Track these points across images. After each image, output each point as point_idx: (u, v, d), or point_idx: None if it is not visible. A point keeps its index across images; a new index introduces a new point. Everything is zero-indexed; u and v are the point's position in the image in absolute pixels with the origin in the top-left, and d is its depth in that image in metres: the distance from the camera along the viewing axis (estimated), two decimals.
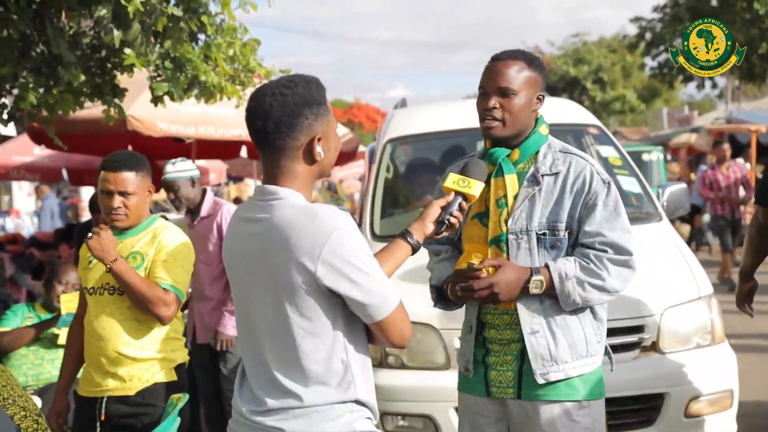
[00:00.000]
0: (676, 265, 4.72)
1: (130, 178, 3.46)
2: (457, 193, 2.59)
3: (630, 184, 5.52)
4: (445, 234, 2.56)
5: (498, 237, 2.83)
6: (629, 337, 4.38)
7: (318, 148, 2.24)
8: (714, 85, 22.24)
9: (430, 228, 2.53)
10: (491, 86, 2.80)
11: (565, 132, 5.98)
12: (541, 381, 2.78)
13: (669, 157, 20.50)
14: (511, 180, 2.83)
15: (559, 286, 2.75)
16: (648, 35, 22.25)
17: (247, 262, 2.27)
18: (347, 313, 2.22)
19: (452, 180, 2.61)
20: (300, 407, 2.18)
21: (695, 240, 15.06)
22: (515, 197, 2.82)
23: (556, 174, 2.82)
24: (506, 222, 2.82)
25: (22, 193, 24.33)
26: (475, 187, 2.60)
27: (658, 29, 21.56)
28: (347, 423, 2.20)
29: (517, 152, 2.85)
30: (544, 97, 2.87)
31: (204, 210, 5.23)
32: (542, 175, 2.82)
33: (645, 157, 16.64)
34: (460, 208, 2.57)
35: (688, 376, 4.37)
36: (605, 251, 2.78)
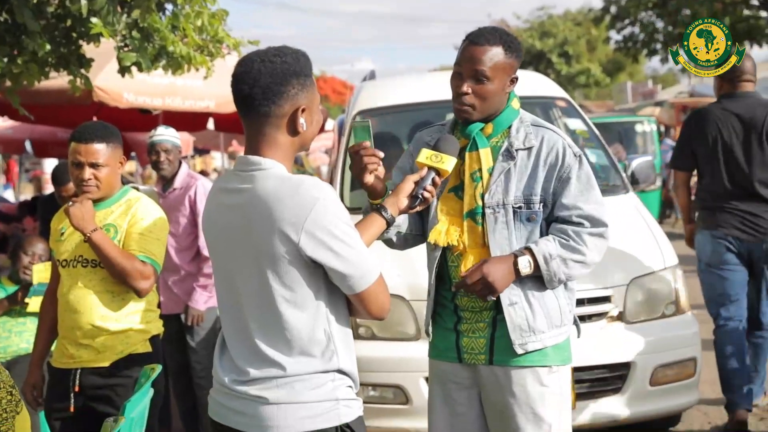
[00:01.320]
0: (642, 237, 4.80)
1: (101, 150, 3.42)
2: (430, 168, 2.62)
3: (597, 156, 5.60)
4: (418, 208, 2.61)
5: (473, 210, 2.88)
6: (597, 307, 4.47)
7: (301, 120, 2.25)
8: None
9: (404, 202, 2.57)
10: (467, 69, 2.83)
11: (533, 104, 6.02)
12: (520, 351, 2.84)
13: None
14: (485, 154, 2.87)
15: (544, 267, 2.81)
16: (613, 9, 22.30)
17: (228, 232, 2.27)
18: (329, 284, 2.24)
19: (425, 155, 2.65)
20: (283, 376, 2.20)
21: (663, 212, 15.23)
22: (490, 171, 2.86)
23: (530, 148, 2.87)
24: (482, 196, 2.86)
25: None
26: (447, 162, 2.64)
27: (623, 3, 21.62)
28: (329, 391, 2.23)
29: (490, 126, 2.90)
30: (517, 79, 2.90)
31: (177, 182, 5.21)
32: (516, 150, 2.86)
33: (638, 128, 16.47)
34: (434, 183, 2.62)
35: (653, 345, 4.48)
36: (582, 224, 2.84)
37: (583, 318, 4.42)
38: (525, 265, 2.81)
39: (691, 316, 4.69)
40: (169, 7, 5.33)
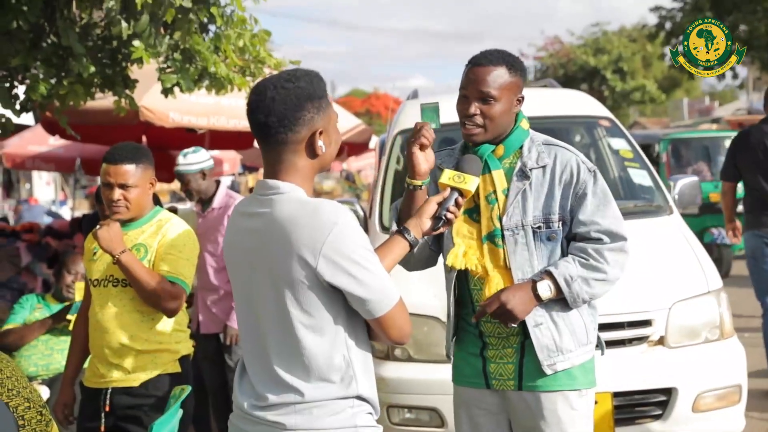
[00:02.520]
0: (686, 259, 4.69)
1: (130, 171, 3.45)
2: (453, 188, 2.60)
3: (641, 177, 5.49)
4: (442, 230, 2.57)
5: (492, 233, 2.86)
6: (637, 330, 4.37)
7: (319, 142, 2.24)
8: (735, 76, 22.06)
9: (426, 224, 2.53)
10: (472, 92, 2.82)
11: (576, 124, 5.97)
12: (549, 372, 2.83)
13: None
14: (498, 175, 2.86)
15: (566, 289, 2.79)
16: (668, 25, 22.06)
17: (248, 256, 2.27)
18: (348, 309, 2.21)
19: (448, 176, 2.63)
20: (301, 402, 2.18)
21: None
22: (505, 192, 2.85)
23: (544, 167, 2.85)
24: (499, 218, 2.84)
25: (41, 182, 24.52)
26: (470, 183, 2.61)
27: (678, 19, 21.37)
28: (348, 417, 2.20)
29: (501, 148, 2.88)
30: (523, 98, 2.89)
31: (216, 202, 5.24)
32: (530, 169, 2.85)
33: (728, 143, 15.63)
34: (457, 204, 2.58)
35: (696, 370, 4.36)
36: (600, 240, 2.82)
37: (623, 342, 4.35)
38: (545, 289, 2.79)
39: (736, 341, 4.55)
40: (211, 28, 5.39)
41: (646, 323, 4.37)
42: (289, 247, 2.15)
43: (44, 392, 4.66)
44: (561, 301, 2.83)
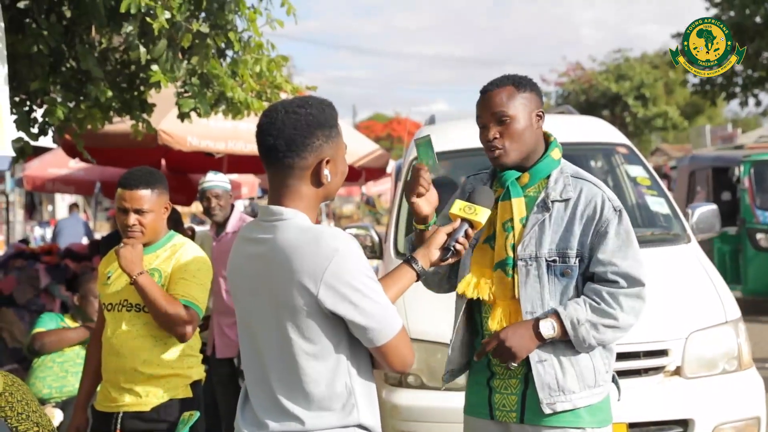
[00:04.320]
0: (703, 289, 4.64)
1: (145, 196, 3.46)
2: (464, 219, 2.57)
3: (658, 205, 5.44)
4: (450, 261, 2.54)
5: (503, 261, 2.80)
6: (653, 360, 4.31)
7: (326, 171, 2.23)
8: (758, 103, 21.90)
9: (435, 254, 2.50)
10: (487, 117, 2.80)
11: (594, 151, 5.94)
12: (547, 411, 2.74)
13: None
14: (518, 203, 2.81)
15: (572, 333, 2.71)
16: None
17: (250, 282, 2.26)
18: (350, 337, 2.20)
19: (458, 207, 2.60)
20: (302, 431, 2.16)
21: None
22: (522, 222, 2.80)
23: (567, 200, 2.78)
24: (512, 247, 2.79)
25: (64, 204, 24.69)
26: (481, 214, 2.58)
27: None
28: None
29: (526, 176, 2.83)
30: (543, 114, 2.85)
31: (230, 225, 5.26)
32: (552, 201, 2.78)
33: None
34: (466, 235, 2.55)
35: (713, 402, 4.30)
36: (617, 282, 2.73)
37: (639, 372, 4.29)
38: (548, 328, 2.71)
39: (755, 372, 4.49)
40: (229, 53, 5.42)
41: (662, 353, 4.31)
42: (291, 274, 2.14)
43: (58, 415, 4.66)
44: (570, 342, 2.75)
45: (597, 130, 6.02)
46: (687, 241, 5.09)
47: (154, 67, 4.78)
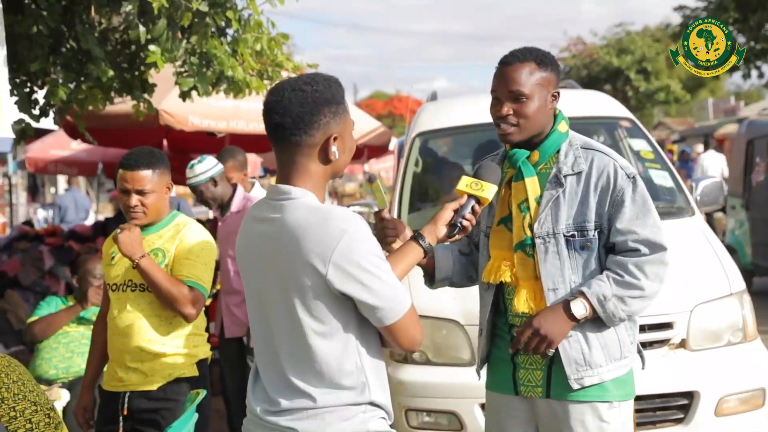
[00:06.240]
0: (708, 261, 4.64)
1: (147, 177, 3.45)
2: (470, 196, 2.55)
3: (662, 178, 5.43)
4: (457, 237, 2.52)
5: (522, 242, 2.78)
6: (658, 333, 4.32)
7: (333, 148, 2.22)
8: (761, 75, 21.82)
9: (442, 231, 2.49)
10: (503, 92, 2.75)
11: (597, 125, 5.91)
12: (575, 386, 2.72)
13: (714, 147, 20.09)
14: (531, 183, 2.77)
15: (600, 309, 2.68)
16: None
17: (259, 261, 2.25)
18: (359, 316, 2.20)
19: (465, 183, 2.58)
20: (313, 408, 2.17)
21: None
22: (537, 200, 2.76)
23: (579, 173, 2.75)
24: (530, 226, 2.76)
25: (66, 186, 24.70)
26: (488, 190, 2.56)
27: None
28: (360, 423, 2.19)
29: (536, 153, 2.79)
30: (559, 94, 2.80)
31: (234, 205, 5.24)
32: (565, 176, 2.75)
33: None
34: (473, 211, 2.53)
35: (718, 374, 4.30)
36: (638, 250, 2.70)
37: (644, 345, 4.27)
38: (580, 308, 2.67)
39: (760, 343, 4.49)
40: (229, 32, 5.40)
41: (667, 326, 4.32)
42: (300, 254, 2.13)
43: (64, 395, 4.67)
44: (594, 317, 2.72)
45: (600, 103, 6.00)
46: (691, 214, 5.08)
47: (152, 48, 4.76)
